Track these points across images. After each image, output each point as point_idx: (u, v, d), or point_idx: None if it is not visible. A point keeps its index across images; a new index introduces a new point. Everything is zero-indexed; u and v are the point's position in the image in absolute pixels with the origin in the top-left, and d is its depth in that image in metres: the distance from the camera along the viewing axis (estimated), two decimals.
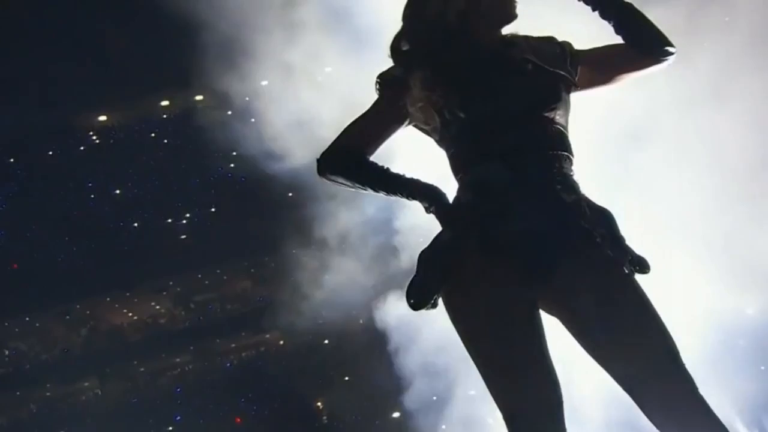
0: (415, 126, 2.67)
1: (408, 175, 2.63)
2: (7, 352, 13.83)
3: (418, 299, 2.46)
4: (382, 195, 2.64)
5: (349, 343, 7.71)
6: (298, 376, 10.23)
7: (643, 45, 2.70)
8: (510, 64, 2.64)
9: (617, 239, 2.48)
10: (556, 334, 2.49)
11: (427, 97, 2.59)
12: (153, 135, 16.55)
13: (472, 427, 6.12)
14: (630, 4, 2.67)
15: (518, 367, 2.40)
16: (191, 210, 15.96)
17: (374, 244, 7.53)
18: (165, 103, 16.65)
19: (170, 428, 13.03)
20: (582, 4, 2.70)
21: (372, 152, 2.67)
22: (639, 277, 2.50)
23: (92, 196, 15.89)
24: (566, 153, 2.61)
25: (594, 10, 2.66)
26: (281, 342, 13.65)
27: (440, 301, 2.53)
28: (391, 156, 2.80)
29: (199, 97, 17.26)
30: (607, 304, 2.40)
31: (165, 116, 16.92)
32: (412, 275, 2.52)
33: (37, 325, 14.51)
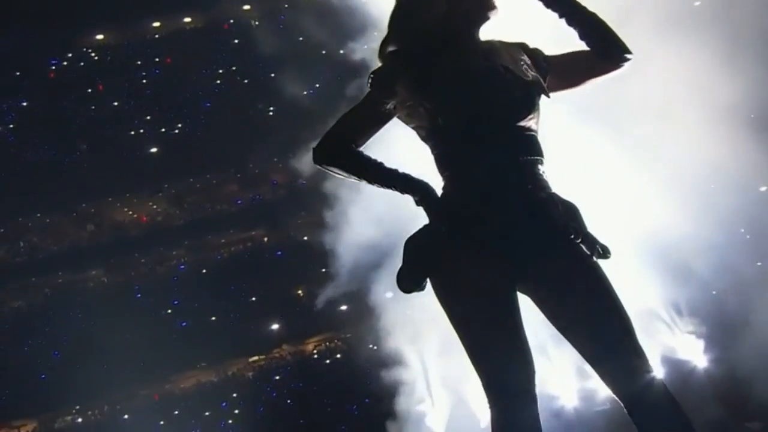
0: (401, 120, 2.62)
1: (401, 171, 2.59)
2: (22, 244, 13.78)
3: (408, 284, 2.46)
4: (375, 186, 2.61)
5: (326, 238, 7.75)
6: (281, 268, 10.36)
7: (605, 52, 2.62)
8: (491, 73, 2.55)
9: (585, 231, 2.50)
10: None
11: (413, 103, 2.55)
12: (148, 52, 16.19)
13: None
14: (594, 14, 2.60)
15: (496, 342, 2.40)
16: (183, 121, 15.76)
17: None
18: (156, 24, 16.27)
19: (169, 311, 13.16)
20: (550, 11, 2.62)
21: (362, 144, 2.57)
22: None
23: (92, 107, 15.59)
24: (538, 156, 2.58)
25: (561, 17, 2.60)
26: (265, 239, 13.77)
27: (427, 285, 2.55)
28: (384, 145, 2.72)
29: (187, 19, 16.91)
30: (575, 289, 2.40)
31: (157, 36, 16.52)
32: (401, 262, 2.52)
33: (48, 221, 14.44)
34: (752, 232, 6.24)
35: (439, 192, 2.51)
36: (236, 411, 11.80)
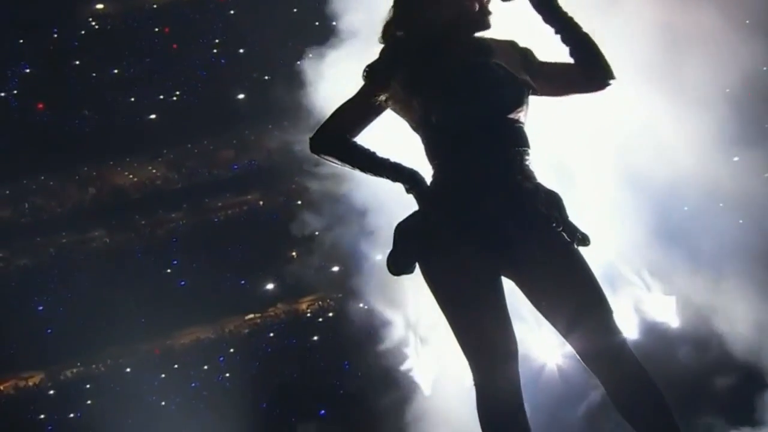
0: (394, 111, 2.60)
1: (392, 160, 2.59)
2: (26, 205, 13.67)
3: (398, 267, 2.54)
4: (368, 175, 2.60)
5: (319, 204, 7.72)
6: (275, 230, 10.33)
7: (591, 74, 2.63)
8: (482, 69, 2.57)
9: (566, 220, 2.51)
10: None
11: (406, 96, 2.54)
12: (147, 22, 15.93)
13: None
14: (587, 35, 2.60)
15: (480, 323, 2.49)
16: (181, 88, 15.57)
17: None
18: None
19: (168, 270, 13.16)
20: (547, 26, 2.59)
21: (357, 134, 2.66)
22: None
23: (93, 74, 15.37)
24: (526, 148, 2.60)
25: (556, 33, 2.57)
26: (261, 203, 13.71)
27: (416, 268, 2.56)
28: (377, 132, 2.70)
29: None
30: (555, 275, 2.49)
31: (156, 6, 16.25)
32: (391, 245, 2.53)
33: (51, 183, 14.32)
34: (726, 200, 6.24)
35: (428, 180, 2.55)
36: (233, 365, 11.88)
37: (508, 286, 2.53)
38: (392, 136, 2.71)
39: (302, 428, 8.59)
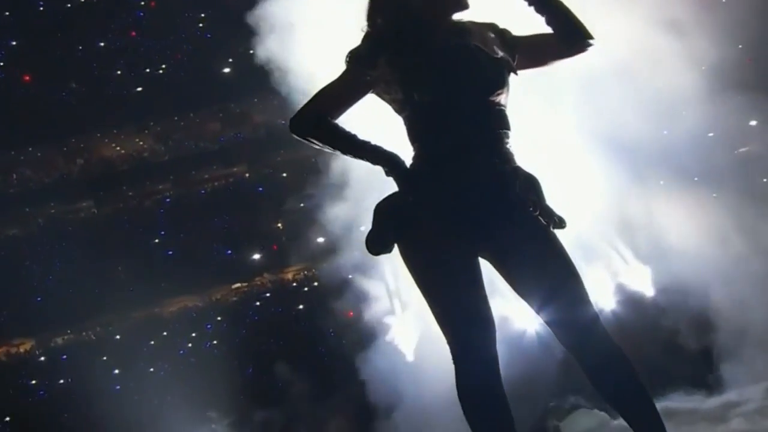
0: (376, 95, 2.56)
1: (373, 143, 2.54)
2: (15, 176, 13.49)
3: (377, 248, 2.51)
4: (348, 157, 2.56)
5: (304, 175, 7.67)
6: (261, 201, 10.29)
7: (569, 39, 2.60)
8: (464, 52, 2.54)
9: (543, 203, 2.50)
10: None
11: (388, 79, 2.50)
12: None
13: None
14: (560, 2, 2.55)
15: (458, 304, 2.47)
16: (166, 62, 15.37)
17: None
18: None
19: (156, 241, 13.07)
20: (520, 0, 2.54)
21: (338, 117, 2.59)
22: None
23: (80, 47, 15.12)
24: (506, 130, 2.57)
25: (530, 5, 2.55)
26: (247, 174, 13.63)
27: (395, 249, 2.54)
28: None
29: None
30: (531, 256, 2.48)
31: None
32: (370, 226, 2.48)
33: (39, 154, 14.13)
34: (701, 173, 6.28)
35: (409, 162, 2.53)
36: (220, 333, 11.88)
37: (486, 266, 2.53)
38: (375, 119, 2.70)
39: None
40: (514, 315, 6.17)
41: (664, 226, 6.16)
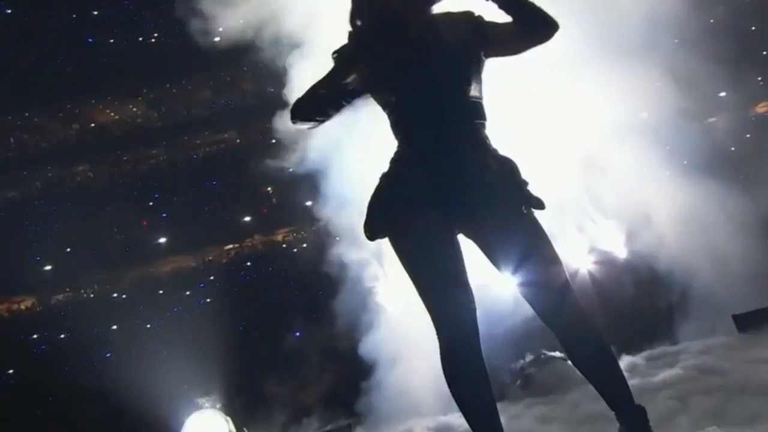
0: (366, 92, 2.59)
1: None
2: (12, 140, 13.29)
3: (371, 235, 2.54)
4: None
5: (295, 139, 7.58)
6: (251, 166, 10.19)
7: (533, 30, 2.58)
8: (436, 50, 2.55)
9: (519, 186, 2.53)
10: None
11: (368, 78, 2.51)
12: None
13: None
14: None
15: (440, 285, 2.52)
16: (159, 30, 15.07)
17: None
18: None
19: (150, 203, 12.98)
20: None
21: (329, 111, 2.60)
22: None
23: (74, 16, 14.78)
24: (481, 120, 2.59)
25: (492, 1, 2.52)
26: (238, 140, 13.52)
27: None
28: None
29: None
30: (510, 235, 2.51)
31: None
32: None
33: (36, 120, 13.91)
34: (672, 144, 6.31)
35: (393, 153, 2.55)
36: (213, 291, 11.87)
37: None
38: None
39: None
40: (493, 281, 6.22)
41: (638, 195, 6.20)
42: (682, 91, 6.48)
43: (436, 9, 2.60)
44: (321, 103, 2.57)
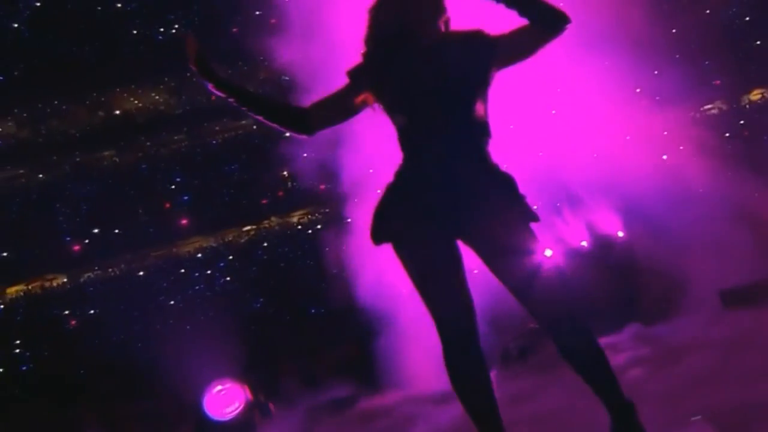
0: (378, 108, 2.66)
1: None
2: (42, 127, 13.38)
3: (376, 241, 2.63)
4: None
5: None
6: (269, 150, 10.23)
7: (545, 23, 2.56)
8: (445, 67, 2.57)
9: (517, 200, 2.59)
10: None
11: (375, 97, 2.58)
12: None
13: None
14: None
15: (438, 290, 2.60)
16: (179, 22, 15.04)
17: None
18: None
19: (173, 187, 13.06)
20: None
21: (337, 123, 2.80)
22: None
23: (99, 8, 14.76)
24: (484, 138, 2.62)
25: (498, 2, 2.52)
26: (254, 127, 13.50)
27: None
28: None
29: None
30: (505, 245, 2.59)
31: None
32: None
33: (64, 107, 13.97)
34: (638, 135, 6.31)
35: (398, 165, 2.65)
36: (232, 270, 12.00)
37: None
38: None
39: None
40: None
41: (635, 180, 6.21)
42: (679, 78, 6.46)
43: (446, 26, 2.59)
44: (326, 122, 2.63)
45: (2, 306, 11.71)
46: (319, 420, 6.64)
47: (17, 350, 10.77)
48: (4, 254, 11.99)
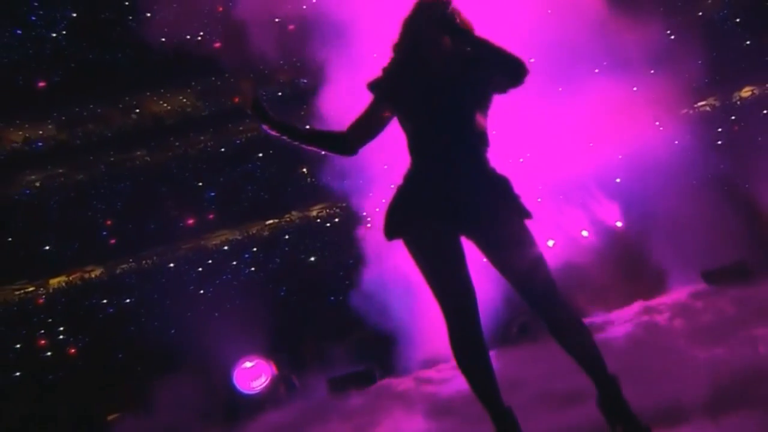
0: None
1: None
2: (79, 130, 13.61)
3: (389, 237, 2.77)
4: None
5: (325, 127, 7.67)
6: (289, 150, 10.36)
7: (502, 71, 2.65)
8: (452, 84, 2.72)
9: (513, 200, 2.73)
10: None
11: (394, 105, 2.73)
12: None
13: None
14: (486, 40, 2.67)
15: (446, 281, 2.76)
16: (204, 29, 15.13)
17: None
18: None
19: (200, 183, 13.24)
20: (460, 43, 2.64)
21: (373, 137, 2.96)
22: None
23: (129, 17, 14.89)
24: (483, 146, 2.78)
25: (466, 47, 2.67)
26: None
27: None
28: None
29: None
30: (503, 240, 2.74)
31: None
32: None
33: (99, 111, 14.18)
34: (662, 123, 6.32)
35: (406, 169, 2.85)
36: (256, 261, 12.15)
37: None
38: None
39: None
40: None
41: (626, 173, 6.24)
42: (673, 78, 6.49)
43: (455, 45, 2.73)
44: (363, 139, 2.78)
45: (46, 296, 11.97)
46: (338, 393, 6.77)
47: (61, 336, 11.02)
48: (46, 248, 12.25)
